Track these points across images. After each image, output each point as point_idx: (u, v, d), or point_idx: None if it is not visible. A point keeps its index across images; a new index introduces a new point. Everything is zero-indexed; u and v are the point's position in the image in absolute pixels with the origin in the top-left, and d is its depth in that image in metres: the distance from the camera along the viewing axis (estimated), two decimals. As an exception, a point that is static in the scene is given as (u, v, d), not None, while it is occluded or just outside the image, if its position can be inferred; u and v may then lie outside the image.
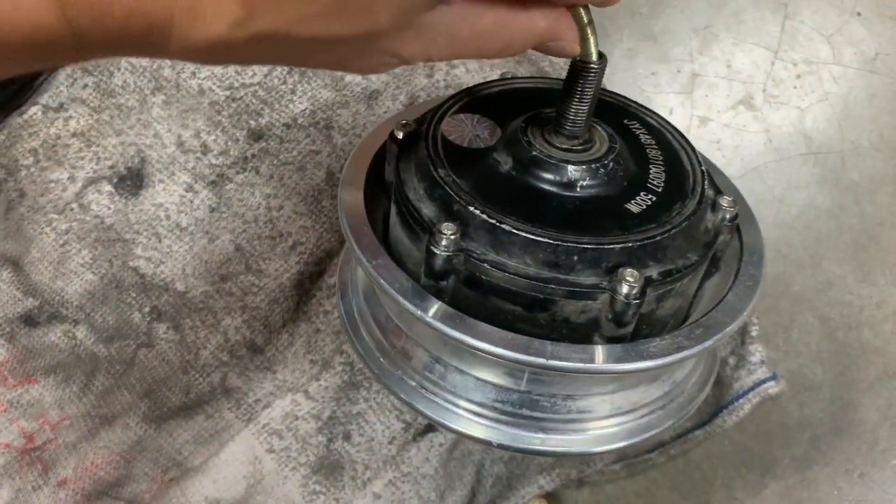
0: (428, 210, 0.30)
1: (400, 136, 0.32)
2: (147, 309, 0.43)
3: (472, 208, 0.28)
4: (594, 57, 0.28)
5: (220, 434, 0.42)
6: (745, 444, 0.44)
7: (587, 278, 0.28)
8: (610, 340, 0.29)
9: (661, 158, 0.33)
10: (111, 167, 0.45)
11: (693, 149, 0.34)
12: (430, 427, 0.43)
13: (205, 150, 0.45)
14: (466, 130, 0.32)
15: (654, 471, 0.42)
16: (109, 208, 0.44)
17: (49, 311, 0.43)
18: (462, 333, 0.28)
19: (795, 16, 0.52)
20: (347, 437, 0.42)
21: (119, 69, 0.45)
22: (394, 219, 0.33)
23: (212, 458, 0.42)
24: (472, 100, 0.34)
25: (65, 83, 0.45)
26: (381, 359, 0.34)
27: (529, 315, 0.29)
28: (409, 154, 0.32)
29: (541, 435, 0.31)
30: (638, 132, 0.33)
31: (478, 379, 0.32)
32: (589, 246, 0.28)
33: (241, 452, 0.42)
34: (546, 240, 0.28)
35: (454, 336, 0.28)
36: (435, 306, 0.29)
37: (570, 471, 0.40)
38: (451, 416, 0.32)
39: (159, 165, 0.45)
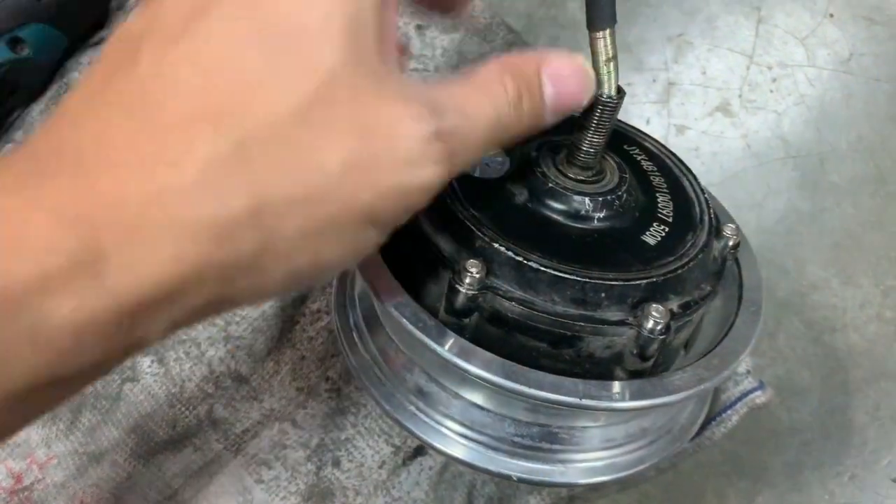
0: (447, 246, 0.29)
1: None
2: (131, 343, 0.44)
3: (496, 245, 0.28)
4: (614, 92, 0.28)
5: (208, 466, 0.43)
6: (735, 452, 0.44)
7: (613, 314, 0.28)
8: (632, 374, 0.29)
9: (666, 186, 0.33)
10: (89, 202, 0.45)
11: (694, 175, 0.34)
12: (420, 450, 0.43)
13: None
14: None
15: (646, 484, 0.43)
16: (89, 244, 0.45)
17: (32, 350, 0.43)
18: (501, 378, 0.27)
19: (769, 19, 0.52)
20: (337, 463, 0.43)
21: (93, 104, 0.45)
22: (406, 249, 0.32)
23: (202, 490, 0.42)
24: None
25: (39, 119, 0.45)
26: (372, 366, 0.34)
27: (554, 351, 0.29)
28: None
29: (560, 467, 0.32)
30: (640, 159, 0.34)
31: (496, 413, 0.32)
32: (616, 283, 0.28)
33: (230, 484, 0.42)
34: (574, 277, 0.28)
35: (492, 381, 0.28)
36: (469, 349, 0.28)
37: (560, 489, 0.41)
38: (467, 451, 0.32)
39: (137, 199, 0.45)
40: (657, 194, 0.32)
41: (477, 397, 0.32)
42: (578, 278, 0.28)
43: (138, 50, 0.21)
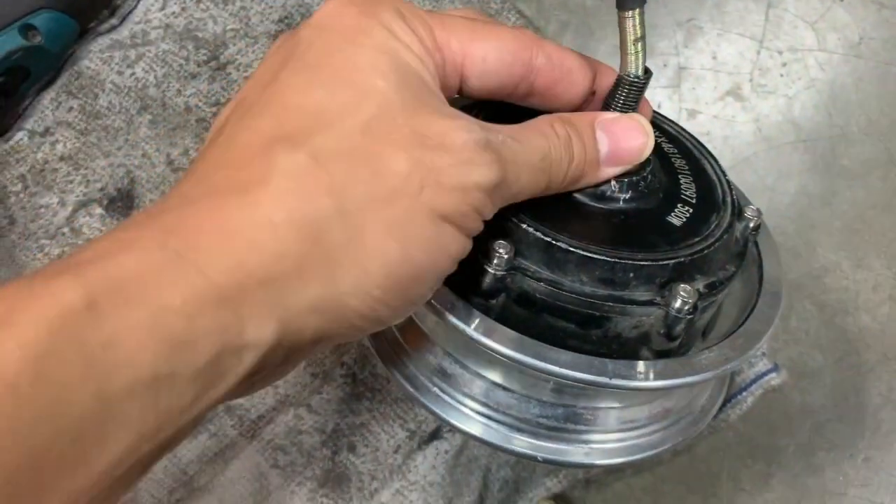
0: None
1: None
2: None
3: (525, 226, 0.28)
4: (641, 72, 0.28)
5: (224, 452, 0.43)
6: (749, 435, 0.44)
7: (641, 294, 0.28)
8: (658, 354, 0.29)
9: (688, 168, 0.33)
10: (101, 189, 0.45)
11: (714, 158, 0.34)
12: (435, 434, 0.43)
13: (194, 167, 0.45)
14: None
15: (661, 467, 0.43)
16: (101, 231, 0.45)
17: (45, 337, 0.43)
18: (531, 357, 0.28)
19: (779, 4, 0.52)
20: (352, 448, 0.43)
21: (104, 90, 0.45)
22: None
23: (217, 476, 0.42)
24: (490, 105, 0.31)
25: (49, 107, 0.45)
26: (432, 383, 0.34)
27: (582, 332, 0.29)
28: None
29: (584, 447, 0.32)
30: (660, 141, 0.34)
31: (521, 394, 0.32)
32: (644, 262, 0.28)
33: (246, 469, 0.42)
34: (603, 257, 0.28)
35: (523, 361, 0.28)
36: (498, 330, 0.28)
37: (576, 471, 0.41)
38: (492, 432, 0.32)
39: (149, 185, 0.45)
40: (680, 176, 0.32)
41: (501, 378, 0.32)
42: (607, 258, 0.28)
43: (236, 104, 0.25)
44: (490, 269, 0.28)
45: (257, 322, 0.20)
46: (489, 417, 0.32)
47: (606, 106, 0.29)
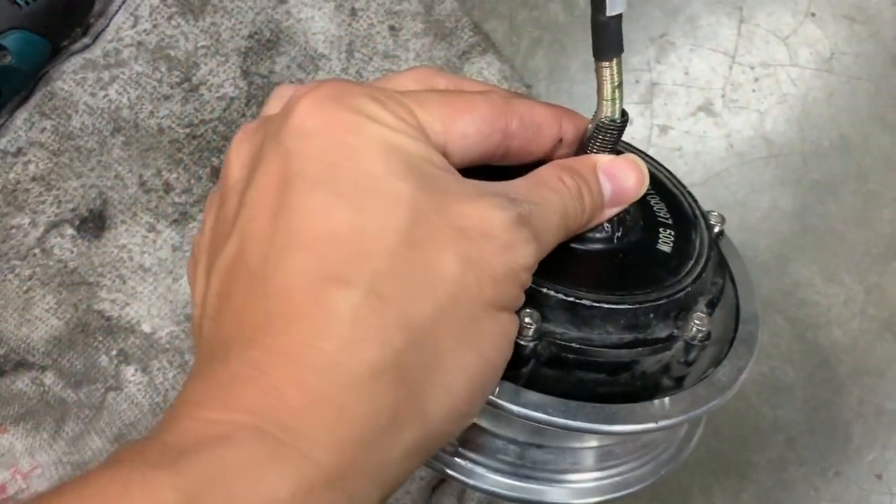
0: None
1: None
2: (114, 352, 0.44)
3: (545, 290, 0.27)
4: (618, 116, 0.28)
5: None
6: (720, 450, 0.45)
7: (662, 331, 0.28)
8: (678, 380, 0.30)
9: (653, 189, 0.33)
10: (73, 210, 0.45)
11: (669, 171, 0.35)
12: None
13: (167, 188, 0.46)
14: None
15: (632, 483, 0.43)
16: (72, 252, 0.45)
17: (15, 358, 0.43)
18: (583, 422, 0.27)
19: (751, 19, 0.53)
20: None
21: (77, 111, 0.46)
22: None
23: (188, 497, 0.42)
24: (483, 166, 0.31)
25: (23, 127, 0.46)
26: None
27: (611, 378, 0.29)
28: None
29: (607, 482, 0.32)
30: None
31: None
32: (661, 301, 0.28)
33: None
34: (626, 305, 0.28)
35: (574, 427, 0.27)
36: (537, 398, 0.27)
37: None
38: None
39: (121, 206, 0.45)
40: (649, 198, 0.32)
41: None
42: (630, 306, 0.28)
43: (242, 239, 0.23)
44: (522, 342, 0.26)
45: (363, 492, 0.20)
46: (527, 477, 0.31)
47: (584, 148, 0.29)
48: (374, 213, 0.21)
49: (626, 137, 0.35)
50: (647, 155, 0.36)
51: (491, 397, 0.27)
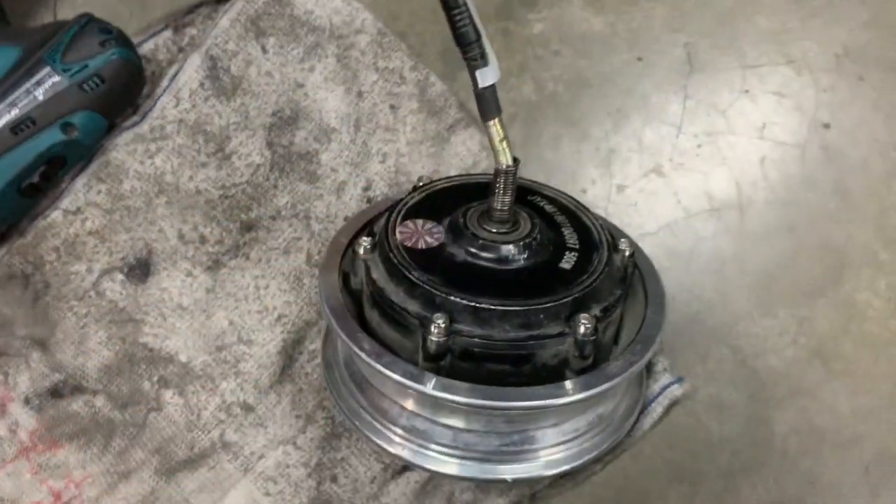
0: (413, 307, 0.37)
1: (361, 251, 0.40)
2: (155, 378, 0.52)
3: (453, 298, 0.36)
4: (511, 161, 0.38)
5: (221, 483, 0.50)
6: (675, 461, 0.52)
7: (553, 329, 0.36)
8: (578, 372, 0.37)
9: (567, 221, 0.42)
10: (122, 259, 0.54)
11: (585, 207, 0.44)
12: (406, 467, 0.51)
13: (202, 240, 0.55)
14: (416, 235, 0.40)
15: (599, 487, 0.50)
16: (121, 294, 0.53)
17: (72, 384, 0.51)
18: (492, 400, 0.35)
19: (694, 95, 0.63)
20: (334, 479, 0.50)
21: (128, 177, 0.55)
22: (377, 319, 0.40)
23: (216, 503, 0.49)
24: (410, 207, 0.42)
25: (82, 190, 0.55)
26: (366, 416, 0.41)
27: (516, 369, 0.37)
28: (377, 265, 0.40)
29: (538, 462, 0.39)
30: (542, 204, 0.43)
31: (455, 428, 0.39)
32: (549, 304, 0.36)
33: (241, 497, 0.49)
34: (518, 307, 0.35)
35: (477, 405, 0.35)
36: (454, 385, 0.35)
37: (523, 489, 0.48)
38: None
39: (163, 256, 0.54)
40: (562, 228, 0.41)
41: (462, 422, 0.39)
42: (521, 308, 0.36)
43: None
44: (434, 338, 0.35)
45: None
46: (461, 457, 0.39)
47: (491, 191, 0.38)
48: None
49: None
50: (572, 198, 0.45)
51: (420, 387, 0.35)
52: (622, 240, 0.41)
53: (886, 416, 0.52)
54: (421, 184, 0.46)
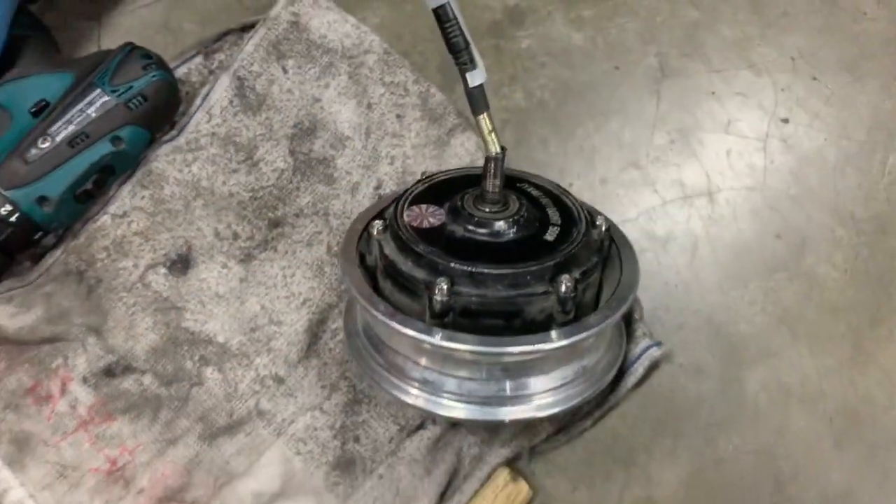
0: (420, 274, 0.44)
1: (375, 232, 0.47)
2: (197, 357, 0.59)
3: (453, 265, 0.42)
4: (499, 149, 0.46)
5: (257, 446, 0.56)
6: (658, 419, 0.58)
7: (538, 289, 0.42)
8: (562, 325, 0.43)
9: (551, 203, 0.50)
10: (165, 255, 0.61)
11: (568, 192, 0.51)
12: (420, 426, 0.57)
13: (235, 237, 0.62)
14: (421, 216, 0.47)
15: (591, 443, 0.57)
16: (165, 285, 0.60)
17: (123, 364, 0.58)
18: (490, 347, 0.42)
19: (666, 98, 0.71)
20: (357, 439, 0.57)
21: (168, 183, 0.62)
22: (389, 287, 0.46)
23: (253, 464, 0.55)
24: (415, 195, 0.49)
25: (128, 196, 0.62)
26: (384, 373, 0.48)
27: (508, 324, 0.43)
28: (388, 243, 0.46)
29: (533, 404, 0.45)
30: (529, 189, 0.51)
31: (460, 377, 0.46)
32: (535, 268, 0.43)
33: (275, 457, 0.56)
34: (507, 271, 0.42)
35: (479, 351, 0.42)
36: (453, 336, 0.42)
37: (523, 442, 0.54)
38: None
39: (202, 251, 0.61)
40: (547, 208, 0.49)
41: (466, 373, 0.46)
42: (511, 271, 0.43)
43: None
44: (439, 298, 0.42)
45: None
46: (467, 402, 0.46)
47: (484, 176, 0.45)
48: None
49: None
50: (556, 184, 0.52)
51: (430, 339, 0.42)
52: (598, 216, 0.49)
53: (847, 374, 0.59)
54: (424, 176, 0.53)
